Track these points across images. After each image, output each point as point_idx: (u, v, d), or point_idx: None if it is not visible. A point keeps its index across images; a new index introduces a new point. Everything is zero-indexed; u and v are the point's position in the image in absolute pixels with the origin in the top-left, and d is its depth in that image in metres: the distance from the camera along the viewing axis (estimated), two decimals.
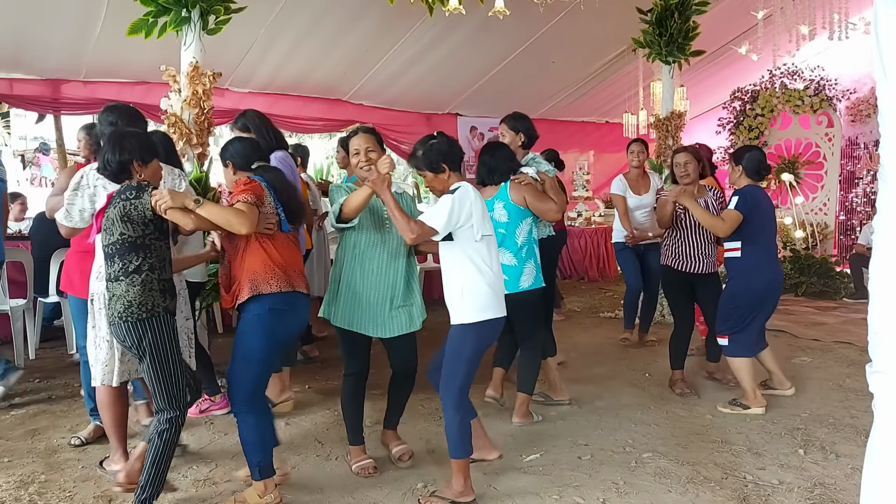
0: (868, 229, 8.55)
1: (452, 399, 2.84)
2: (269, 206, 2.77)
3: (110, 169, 2.72)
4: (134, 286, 2.59)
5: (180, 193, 2.61)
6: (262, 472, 2.76)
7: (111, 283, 2.64)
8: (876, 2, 1.56)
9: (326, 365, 5.13)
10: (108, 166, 2.72)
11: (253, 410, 2.75)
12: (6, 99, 7.02)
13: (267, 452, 2.78)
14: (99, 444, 3.53)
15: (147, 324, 2.60)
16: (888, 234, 1.58)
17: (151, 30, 4.45)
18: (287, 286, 2.74)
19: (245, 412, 2.75)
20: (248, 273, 2.73)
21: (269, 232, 2.76)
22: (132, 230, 2.60)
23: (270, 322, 2.71)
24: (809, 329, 6.40)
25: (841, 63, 9.58)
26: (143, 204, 2.57)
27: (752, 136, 9.91)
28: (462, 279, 2.84)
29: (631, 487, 3.06)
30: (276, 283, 2.71)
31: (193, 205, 2.57)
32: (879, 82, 1.58)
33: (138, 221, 2.59)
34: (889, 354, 1.59)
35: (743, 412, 4.02)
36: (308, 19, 6.68)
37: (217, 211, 2.61)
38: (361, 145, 3.05)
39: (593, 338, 6.12)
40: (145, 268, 2.61)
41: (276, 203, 2.80)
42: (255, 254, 2.74)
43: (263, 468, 2.76)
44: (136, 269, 2.60)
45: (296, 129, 9.21)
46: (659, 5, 6.64)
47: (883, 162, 1.59)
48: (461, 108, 9.87)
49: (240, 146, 2.98)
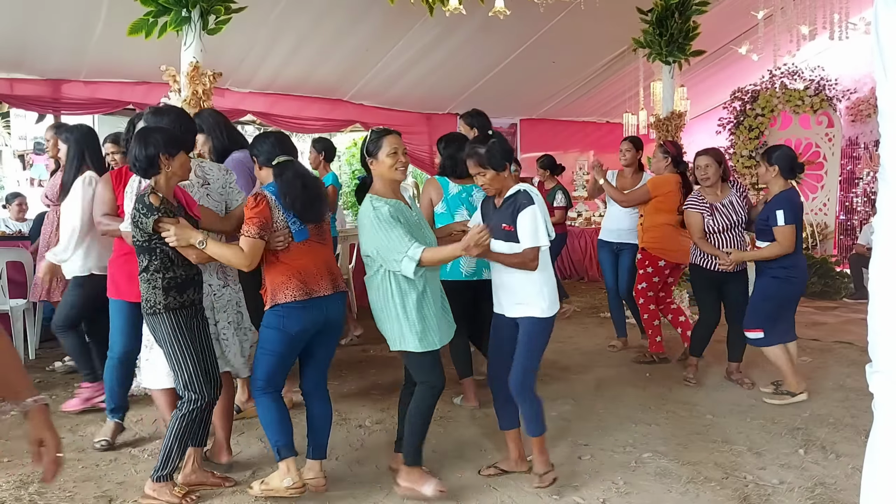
0: (868, 229, 8.55)
1: (532, 388, 3.03)
2: (278, 223, 2.83)
3: (139, 165, 2.78)
4: (143, 283, 2.82)
5: (187, 230, 2.72)
6: (281, 451, 2.87)
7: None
8: (876, 2, 1.56)
9: None
10: (137, 162, 2.78)
11: (267, 393, 2.88)
12: (6, 99, 7.03)
13: (285, 433, 2.89)
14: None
15: (154, 319, 2.81)
16: (888, 234, 1.58)
17: (152, 30, 4.46)
18: (303, 294, 2.82)
19: (260, 394, 2.89)
20: (269, 283, 2.88)
21: (281, 248, 2.83)
22: (140, 235, 2.77)
23: (285, 319, 2.83)
24: (809, 329, 6.39)
25: (841, 63, 9.57)
26: (147, 223, 2.70)
27: (752, 136, 9.91)
28: (540, 277, 2.94)
29: (631, 487, 3.06)
30: (293, 293, 2.82)
31: (198, 245, 2.73)
32: (879, 82, 1.57)
33: (144, 230, 2.74)
34: (889, 354, 1.59)
35: (791, 400, 4.15)
36: (309, 19, 6.68)
37: (219, 250, 2.77)
38: (399, 146, 2.93)
39: (594, 337, 6.12)
40: (151, 268, 2.80)
41: (286, 213, 2.83)
42: (274, 266, 2.87)
43: (282, 448, 2.87)
44: (144, 269, 2.81)
45: (296, 129, 9.21)
46: (659, 5, 6.64)
47: (883, 162, 1.58)
48: (461, 108, 9.75)
49: (263, 142, 3.06)
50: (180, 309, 2.80)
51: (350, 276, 6.59)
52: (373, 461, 3.35)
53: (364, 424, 3.86)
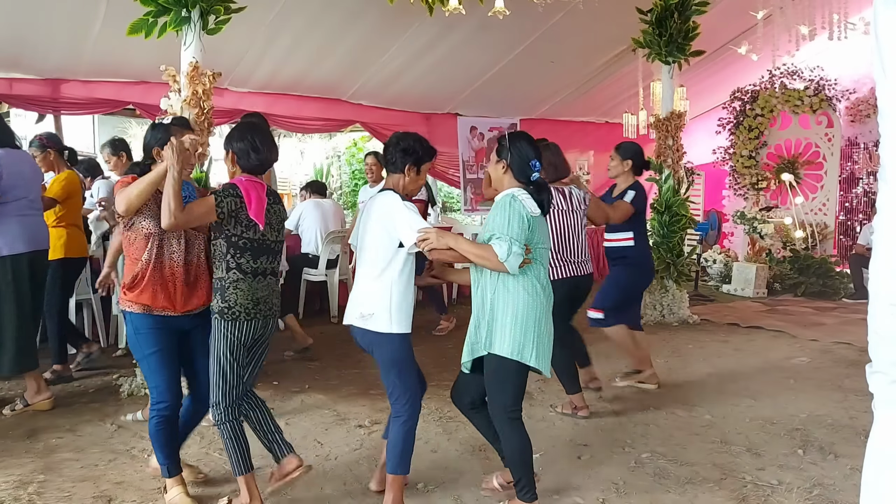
0: (868, 229, 8.55)
1: (408, 403, 2.77)
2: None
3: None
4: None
5: None
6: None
7: None
8: (876, 2, 1.56)
9: (326, 365, 5.13)
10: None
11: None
12: (6, 99, 7.01)
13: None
14: (99, 445, 3.52)
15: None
16: (888, 234, 1.58)
17: (151, 30, 4.45)
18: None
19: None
20: None
21: None
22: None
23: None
24: (808, 329, 6.40)
25: (840, 63, 9.58)
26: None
27: (751, 136, 9.92)
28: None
29: (630, 487, 3.06)
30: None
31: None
32: (879, 82, 1.57)
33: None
34: (889, 355, 1.59)
35: (641, 386, 4.51)
36: (307, 19, 6.67)
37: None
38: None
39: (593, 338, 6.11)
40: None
41: None
42: None
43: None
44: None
45: (295, 129, 9.20)
46: (659, 5, 6.64)
47: (883, 162, 1.58)
48: (461, 108, 9.86)
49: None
50: (224, 317, 2.80)
51: (350, 276, 6.58)
52: (372, 461, 3.35)
53: (364, 424, 3.86)
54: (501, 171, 2.79)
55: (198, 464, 3.27)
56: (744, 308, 7.65)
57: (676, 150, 6.90)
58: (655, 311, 6.84)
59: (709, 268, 9.49)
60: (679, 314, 6.81)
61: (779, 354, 5.51)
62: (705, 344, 5.90)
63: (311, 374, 4.88)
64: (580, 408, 4.00)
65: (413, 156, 2.79)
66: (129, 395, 4.28)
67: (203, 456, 3.42)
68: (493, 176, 2.87)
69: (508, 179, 2.77)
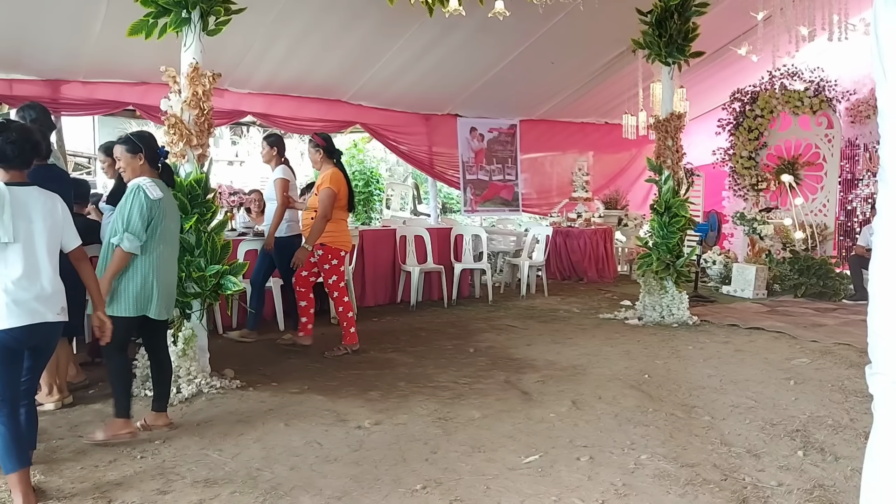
0: (868, 230, 8.55)
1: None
2: None
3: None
4: None
5: None
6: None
7: None
8: (876, 2, 1.56)
9: (326, 366, 5.13)
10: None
11: None
12: (6, 99, 7.00)
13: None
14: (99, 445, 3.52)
15: None
16: (888, 235, 1.58)
17: (151, 31, 4.45)
18: None
19: None
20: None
21: None
22: None
23: None
24: (809, 330, 6.40)
25: (841, 64, 9.58)
26: None
27: (751, 137, 9.92)
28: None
29: (630, 489, 3.06)
30: None
31: None
32: (879, 83, 1.57)
33: None
34: (889, 356, 1.59)
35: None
36: (307, 20, 6.67)
37: None
38: None
39: (592, 339, 6.12)
40: None
41: None
42: None
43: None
44: None
45: (295, 130, 9.20)
46: (659, 6, 6.65)
47: (883, 163, 1.59)
48: (460, 109, 9.87)
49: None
50: None
51: (350, 277, 6.58)
52: (372, 461, 3.34)
53: (363, 425, 3.86)
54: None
55: (197, 464, 3.27)
56: (744, 309, 7.65)
57: (676, 151, 6.90)
58: (655, 312, 6.84)
59: (708, 269, 9.49)
60: (679, 315, 6.80)
61: (779, 355, 5.51)
62: (705, 345, 5.90)
63: (310, 375, 4.88)
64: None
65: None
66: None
67: (203, 457, 3.41)
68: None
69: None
